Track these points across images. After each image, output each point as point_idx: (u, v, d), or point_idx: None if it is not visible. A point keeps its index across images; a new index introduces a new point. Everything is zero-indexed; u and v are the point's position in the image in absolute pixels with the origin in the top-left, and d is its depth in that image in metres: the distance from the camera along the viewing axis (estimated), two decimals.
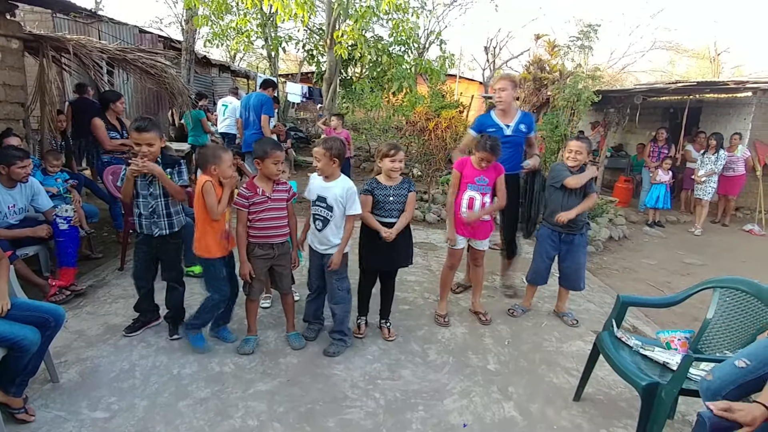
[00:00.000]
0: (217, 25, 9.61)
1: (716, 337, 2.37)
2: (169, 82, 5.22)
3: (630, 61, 21.72)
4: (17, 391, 2.21)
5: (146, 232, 2.85)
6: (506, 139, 3.59)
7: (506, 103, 3.62)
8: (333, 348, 2.95)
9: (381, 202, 3.01)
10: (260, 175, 2.80)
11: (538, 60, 7.57)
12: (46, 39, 4.66)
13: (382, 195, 3.00)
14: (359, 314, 3.28)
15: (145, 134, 2.68)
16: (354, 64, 12.03)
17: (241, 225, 2.79)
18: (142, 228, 2.85)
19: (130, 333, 3.00)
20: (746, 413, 1.53)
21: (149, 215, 2.82)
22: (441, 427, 2.35)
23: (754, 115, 8.23)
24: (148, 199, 2.81)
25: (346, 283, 2.99)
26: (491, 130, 3.62)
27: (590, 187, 3.43)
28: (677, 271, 5.29)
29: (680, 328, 3.59)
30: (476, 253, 3.49)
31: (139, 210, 2.82)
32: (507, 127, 3.64)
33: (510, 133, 3.64)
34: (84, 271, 3.94)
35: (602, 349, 2.41)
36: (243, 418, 2.32)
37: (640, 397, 2.09)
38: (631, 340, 2.41)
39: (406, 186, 3.05)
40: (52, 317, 2.30)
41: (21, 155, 3.35)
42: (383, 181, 3.04)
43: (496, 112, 3.71)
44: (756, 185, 7.79)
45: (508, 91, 3.59)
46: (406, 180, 3.10)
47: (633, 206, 8.40)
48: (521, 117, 3.71)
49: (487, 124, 3.69)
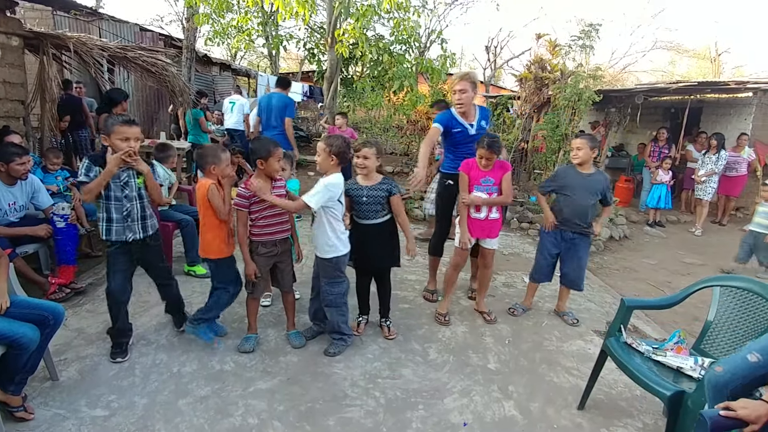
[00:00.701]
0: (218, 23, 9.59)
1: (720, 337, 2.33)
2: (170, 80, 5.23)
3: (631, 61, 21.78)
4: (16, 389, 2.20)
5: (117, 239, 2.63)
6: (471, 138, 3.59)
7: (467, 105, 3.56)
8: (333, 348, 2.94)
9: (356, 202, 2.96)
10: (259, 174, 2.77)
11: (539, 59, 7.54)
12: (47, 36, 4.66)
13: (356, 195, 2.95)
14: (359, 313, 3.28)
15: (135, 128, 2.58)
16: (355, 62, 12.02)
17: (242, 225, 2.77)
18: (110, 234, 2.62)
19: (124, 358, 2.74)
20: (750, 411, 1.50)
21: (122, 219, 2.62)
22: (441, 426, 2.35)
23: (755, 115, 8.23)
24: (122, 202, 2.61)
25: (338, 287, 2.88)
26: (457, 130, 3.59)
27: (609, 198, 3.48)
28: (677, 271, 5.29)
29: (680, 327, 3.61)
30: (486, 252, 3.46)
31: (108, 214, 2.59)
32: (471, 127, 3.61)
33: (474, 132, 3.62)
34: (84, 269, 3.94)
35: (614, 358, 2.33)
36: (243, 417, 2.32)
37: (665, 407, 1.97)
38: (642, 346, 2.33)
39: (384, 187, 2.93)
40: (52, 315, 2.30)
41: (20, 152, 3.35)
42: (360, 180, 2.97)
43: (458, 112, 3.61)
44: (756, 185, 7.77)
45: (469, 93, 3.52)
46: (385, 180, 2.97)
47: (633, 206, 8.39)
48: (481, 113, 3.68)
49: (453, 124, 3.61)
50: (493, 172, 3.29)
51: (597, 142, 3.55)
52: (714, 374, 1.79)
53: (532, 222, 6.32)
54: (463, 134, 3.58)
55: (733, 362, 1.76)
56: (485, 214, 3.31)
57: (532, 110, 7.71)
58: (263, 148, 2.72)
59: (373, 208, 2.93)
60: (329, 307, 2.91)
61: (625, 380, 2.73)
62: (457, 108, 3.58)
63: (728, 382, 1.75)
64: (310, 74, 16.14)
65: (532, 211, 6.60)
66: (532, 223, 6.28)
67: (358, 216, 2.99)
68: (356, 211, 2.99)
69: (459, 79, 3.53)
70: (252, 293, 2.92)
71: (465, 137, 3.58)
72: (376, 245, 3.00)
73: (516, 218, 6.53)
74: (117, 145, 2.53)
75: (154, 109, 11.09)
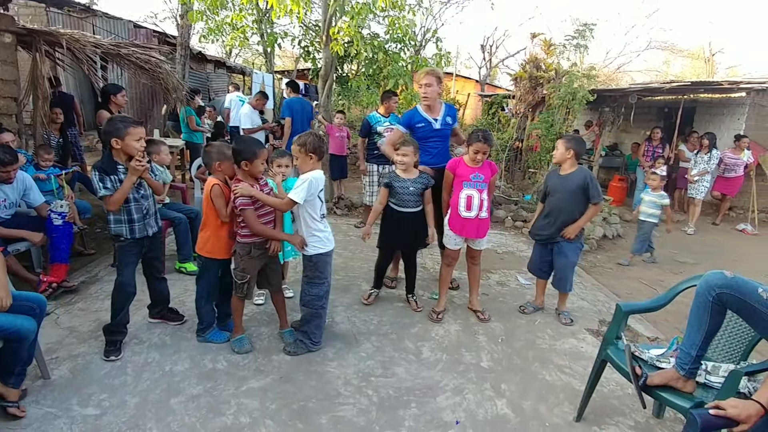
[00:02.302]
0: (213, 20, 9.53)
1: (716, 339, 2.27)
2: (164, 77, 5.19)
3: (625, 61, 21.79)
4: (16, 381, 2.22)
5: (139, 236, 2.71)
6: (435, 133, 3.64)
7: (432, 98, 3.61)
8: (292, 347, 2.89)
9: (399, 193, 3.32)
10: (245, 175, 2.71)
11: (534, 59, 7.57)
12: (40, 33, 4.61)
13: (401, 186, 3.32)
14: (373, 286, 3.71)
15: (141, 128, 2.62)
16: (350, 61, 11.97)
17: (256, 223, 2.66)
18: (134, 233, 2.68)
19: (117, 356, 2.72)
20: (740, 410, 1.51)
21: (142, 218, 2.71)
22: (433, 424, 2.35)
23: (748, 115, 8.28)
24: (140, 202, 2.69)
25: (316, 288, 2.85)
26: (420, 125, 3.63)
27: (593, 195, 3.33)
28: (670, 269, 5.32)
29: (672, 325, 3.64)
30: (473, 252, 3.50)
31: (129, 216, 2.65)
32: (435, 121, 3.65)
33: (438, 126, 3.66)
34: (76, 266, 3.92)
35: (619, 369, 2.23)
36: (235, 415, 2.31)
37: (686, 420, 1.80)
38: (645, 354, 2.22)
39: (423, 181, 3.34)
40: (36, 304, 2.33)
41: (8, 160, 3.26)
42: (400, 174, 3.34)
43: (423, 107, 3.68)
44: (749, 185, 7.84)
45: (434, 87, 3.58)
46: (423, 175, 3.37)
47: (627, 205, 8.42)
48: (446, 110, 3.72)
49: (416, 119, 3.66)
50: (482, 169, 3.31)
51: (577, 142, 3.45)
52: (721, 275, 1.80)
53: (526, 221, 6.33)
54: (427, 129, 3.63)
55: (746, 281, 1.76)
56: (476, 212, 3.31)
57: (527, 109, 7.74)
58: (249, 149, 2.67)
59: (414, 198, 3.32)
60: (305, 307, 2.89)
61: (617, 378, 2.76)
62: (422, 101, 3.64)
63: (724, 286, 1.77)
64: (305, 72, 16.08)
65: (526, 209, 6.63)
66: (526, 222, 6.30)
67: (398, 204, 3.34)
68: (396, 200, 3.34)
69: (425, 74, 3.60)
70: (245, 296, 2.88)
71: (429, 132, 3.63)
72: (410, 231, 3.40)
73: (510, 217, 6.55)
74: (132, 146, 2.57)
75: (147, 107, 11.03)
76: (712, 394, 1.93)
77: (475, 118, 13.34)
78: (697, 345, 1.90)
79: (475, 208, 3.29)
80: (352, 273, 4.29)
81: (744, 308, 1.76)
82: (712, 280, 1.83)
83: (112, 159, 2.60)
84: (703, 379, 2.04)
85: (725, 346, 2.28)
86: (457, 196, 3.33)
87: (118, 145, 2.55)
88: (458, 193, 3.32)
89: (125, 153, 2.59)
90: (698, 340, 1.90)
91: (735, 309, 1.80)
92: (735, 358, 2.21)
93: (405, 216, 3.34)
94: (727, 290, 1.77)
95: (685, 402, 1.91)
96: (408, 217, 3.35)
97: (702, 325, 1.88)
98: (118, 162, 2.61)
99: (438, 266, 3.96)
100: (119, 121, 2.61)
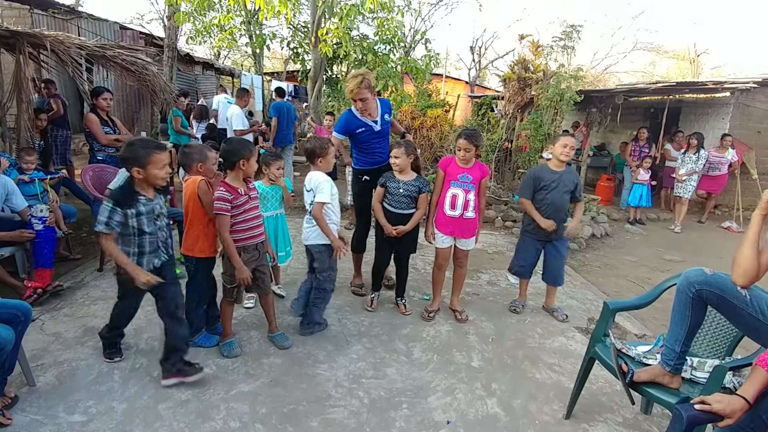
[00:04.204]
0: (200, 21, 9.47)
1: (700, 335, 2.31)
2: (150, 79, 5.14)
3: (612, 62, 22.06)
4: None
5: (147, 268, 2.40)
6: (378, 134, 3.63)
7: (369, 108, 3.52)
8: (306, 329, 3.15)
9: (392, 193, 3.35)
10: (233, 176, 2.68)
11: (523, 60, 7.61)
12: (23, 35, 4.54)
13: (394, 187, 3.34)
14: (372, 289, 3.66)
15: (164, 154, 2.37)
16: (339, 62, 11.99)
17: (226, 231, 2.64)
18: (141, 266, 2.38)
19: (121, 357, 2.71)
20: (725, 405, 1.53)
21: (155, 250, 2.44)
22: (425, 425, 2.35)
23: (732, 114, 8.42)
24: (156, 234, 2.42)
25: (328, 283, 3.09)
26: (361, 130, 3.57)
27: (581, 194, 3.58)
28: (657, 267, 5.38)
29: (659, 322, 3.68)
30: (459, 252, 3.49)
31: (141, 249, 2.39)
32: (375, 123, 3.60)
33: (379, 128, 3.62)
34: (62, 272, 3.86)
35: (607, 366, 2.24)
36: (224, 420, 2.29)
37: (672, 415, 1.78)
38: (632, 351, 2.25)
39: (417, 184, 3.35)
40: (21, 312, 2.26)
41: None
42: (396, 175, 3.36)
43: (360, 113, 3.57)
44: (734, 183, 7.97)
45: (369, 99, 3.47)
46: (419, 178, 3.39)
47: (615, 204, 8.52)
48: (382, 107, 3.65)
49: (355, 125, 3.57)
50: (472, 170, 3.31)
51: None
52: (701, 272, 1.85)
53: (516, 221, 6.37)
54: (368, 133, 3.60)
55: (724, 278, 1.81)
56: (460, 211, 3.31)
57: (516, 110, 7.78)
58: (245, 148, 2.67)
59: (406, 200, 3.33)
60: (318, 289, 3.09)
61: (605, 375, 2.78)
62: (362, 113, 3.55)
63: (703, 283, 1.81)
64: (294, 73, 16.04)
65: (516, 209, 6.66)
66: (516, 222, 6.34)
67: (392, 205, 3.36)
68: (390, 201, 3.37)
69: (357, 88, 3.38)
70: (235, 300, 2.85)
71: (371, 135, 3.61)
72: (404, 234, 3.37)
73: (500, 217, 6.58)
74: (156, 175, 2.33)
75: (134, 109, 10.93)
76: (697, 390, 1.95)
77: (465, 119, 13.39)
78: (681, 341, 1.93)
79: (459, 207, 3.29)
80: (342, 275, 4.26)
81: (723, 304, 1.79)
82: (691, 276, 1.86)
83: (133, 190, 2.33)
84: (689, 375, 2.06)
85: (710, 342, 2.32)
86: (444, 194, 3.34)
87: (141, 175, 2.30)
88: (445, 192, 3.34)
89: (148, 184, 2.37)
90: (681, 336, 1.93)
91: (715, 305, 1.84)
92: (720, 354, 2.24)
93: (397, 217, 3.36)
94: (706, 287, 1.80)
95: (671, 398, 1.93)
96: (400, 218, 3.36)
97: (684, 321, 1.91)
98: (140, 193, 2.35)
99: (429, 267, 3.97)
100: (140, 147, 2.31)
